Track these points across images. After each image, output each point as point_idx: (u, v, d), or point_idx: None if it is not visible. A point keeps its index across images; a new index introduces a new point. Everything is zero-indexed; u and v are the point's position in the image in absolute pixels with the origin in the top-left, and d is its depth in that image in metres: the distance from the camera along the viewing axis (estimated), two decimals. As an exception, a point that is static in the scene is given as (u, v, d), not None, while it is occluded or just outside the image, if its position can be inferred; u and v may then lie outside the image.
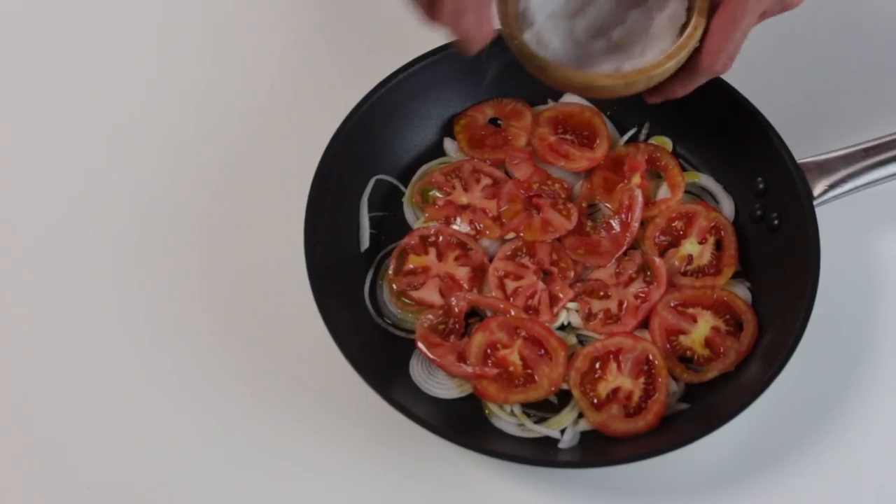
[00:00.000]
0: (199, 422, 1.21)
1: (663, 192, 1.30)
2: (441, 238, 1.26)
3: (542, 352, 1.21)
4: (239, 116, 1.36)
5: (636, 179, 1.30)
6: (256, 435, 1.20)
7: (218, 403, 1.21)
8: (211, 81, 1.38)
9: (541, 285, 1.25)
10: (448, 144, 1.33)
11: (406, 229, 1.29)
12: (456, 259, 1.26)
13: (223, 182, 1.32)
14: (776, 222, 1.26)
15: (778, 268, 1.24)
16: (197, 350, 1.24)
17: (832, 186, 1.24)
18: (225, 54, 1.41)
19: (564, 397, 1.21)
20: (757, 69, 1.37)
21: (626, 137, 1.34)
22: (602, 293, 1.25)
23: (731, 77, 1.28)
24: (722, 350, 1.21)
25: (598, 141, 1.32)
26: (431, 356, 1.21)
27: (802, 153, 1.25)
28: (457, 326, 1.23)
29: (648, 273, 1.25)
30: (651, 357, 1.20)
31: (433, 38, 1.34)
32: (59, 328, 1.25)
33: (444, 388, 1.21)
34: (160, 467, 1.19)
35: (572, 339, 1.23)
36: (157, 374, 1.23)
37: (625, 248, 1.26)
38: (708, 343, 1.22)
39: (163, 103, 1.38)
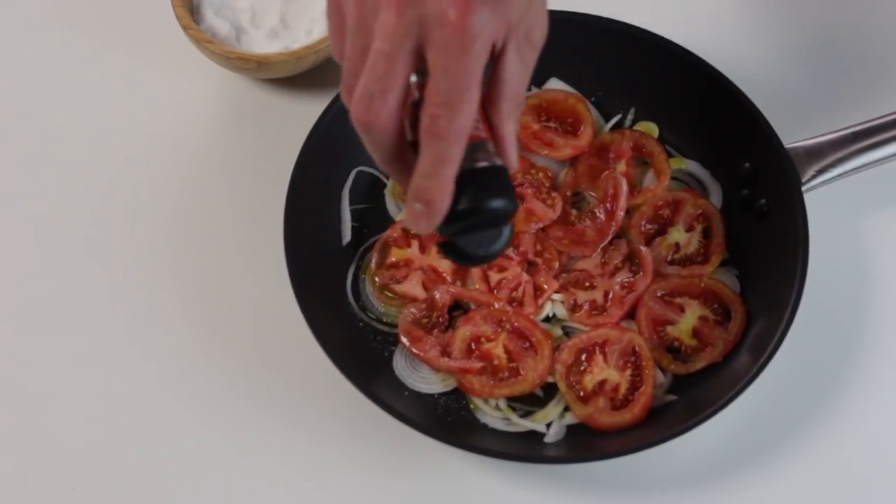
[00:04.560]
0: (181, 421, 1.19)
1: (649, 179, 1.28)
2: (423, 230, 1.25)
3: (527, 344, 1.19)
4: (217, 107, 1.34)
5: (621, 167, 1.28)
6: (238, 433, 1.18)
7: (199, 402, 1.20)
8: (188, 71, 1.36)
9: (525, 277, 1.23)
10: (430, 134, 1.31)
11: (388, 221, 1.27)
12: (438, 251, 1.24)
13: (200, 176, 1.30)
14: (765, 209, 1.24)
15: (767, 255, 1.23)
16: (177, 349, 1.22)
17: (821, 171, 1.22)
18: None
19: (550, 390, 1.19)
20: (744, 53, 1.36)
21: (611, 124, 1.32)
22: (587, 284, 1.23)
23: (718, 61, 1.26)
24: (710, 340, 1.20)
25: (582, 128, 1.30)
26: (415, 350, 1.19)
27: (791, 138, 1.23)
28: (440, 320, 1.21)
29: (635, 262, 1.23)
30: (638, 348, 1.19)
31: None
32: (40, 329, 1.23)
33: (427, 382, 1.19)
34: (144, 468, 1.17)
35: (558, 331, 1.22)
36: (139, 374, 1.21)
37: (610, 237, 1.24)
38: (696, 333, 1.21)
39: (136, 93, 1.35)
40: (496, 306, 1.21)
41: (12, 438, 1.19)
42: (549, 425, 1.17)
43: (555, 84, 1.33)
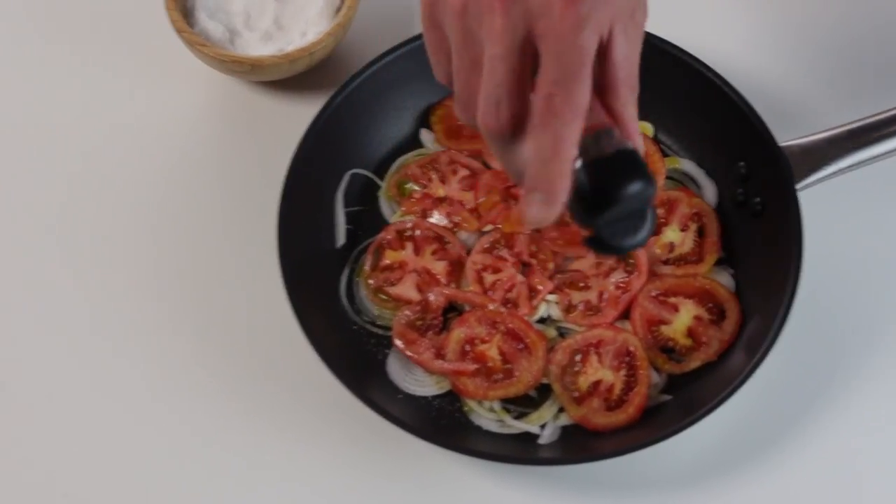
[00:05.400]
0: (173, 426, 1.19)
1: (644, 178, 1.28)
2: (418, 232, 1.25)
3: (522, 346, 1.19)
4: (210, 110, 1.34)
5: (616, 167, 1.27)
6: (231, 437, 1.18)
7: (192, 407, 1.20)
8: (181, 73, 1.36)
9: (519, 278, 1.23)
10: (425, 135, 1.31)
11: (382, 224, 1.27)
12: (433, 253, 1.24)
13: (194, 179, 1.30)
14: (759, 207, 1.24)
15: (761, 254, 1.22)
16: (170, 352, 1.22)
17: (815, 170, 1.21)
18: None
19: (544, 392, 1.19)
20: (738, 52, 1.35)
21: (605, 123, 1.31)
22: (582, 284, 1.23)
23: (712, 60, 1.26)
24: (704, 339, 1.19)
25: (576, 128, 1.29)
26: (409, 353, 1.19)
27: (785, 136, 1.22)
28: (435, 322, 1.21)
29: (629, 262, 1.23)
30: (632, 348, 1.18)
31: (406, 27, 1.34)
32: (29, 334, 1.24)
33: (422, 385, 1.19)
34: (136, 475, 1.17)
35: (552, 332, 1.21)
36: (131, 380, 1.21)
37: (605, 237, 1.24)
38: (690, 333, 1.20)
39: (130, 96, 1.35)
40: (490, 308, 1.21)
41: (2, 445, 1.19)
42: (543, 427, 1.17)
43: (549, 84, 1.32)
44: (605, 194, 0.91)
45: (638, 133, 0.94)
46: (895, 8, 1.39)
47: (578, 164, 0.91)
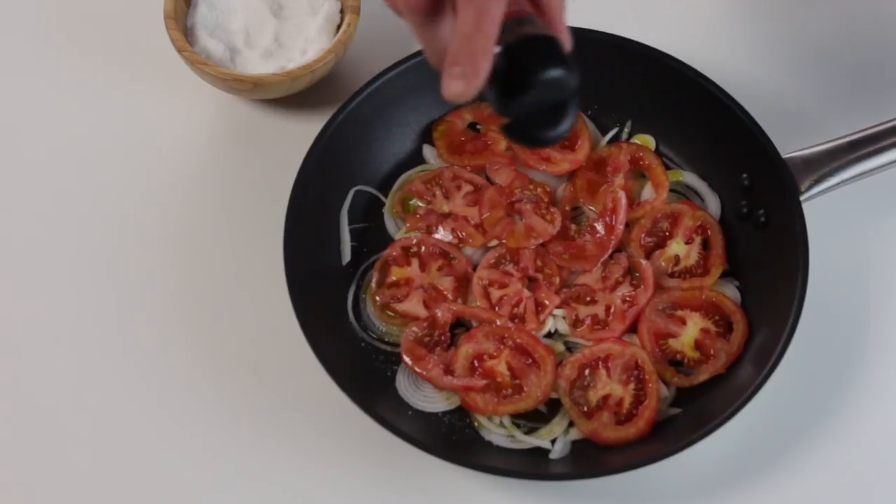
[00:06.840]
0: (182, 442, 1.19)
1: (647, 192, 1.28)
2: (423, 248, 1.24)
3: (530, 361, 1.19)
4: (213, 128, 1.34)
5: (619, 180, 1.27)
6: (240, 456, 1.18)
7: (200, 426, 1.19)
8: (183, 93, 1.35)
9: (526, 293, 1.23)
10: (427, 151, 1.31)
11: (388, 240, 1.27)
12: (439, 269, 1.24)
13: (197, 198, 1.30)
14: (763, 219, 1.24)
15: (767, 266, 1.22)
16: (176, 371, 1.21)
17: (819, 181, 1.22)
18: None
19: (554, 406, 1.19)
20: (739, 64, 1.36)
21: (607, 137, 1.32)
22: (589, 298, 1.23)
23: (714, 73, 1.26)
24: (712, 352, 1.20)
25: (579, 142, 1.30)
26: (417, 369, 1.19)
27: (787, 148, 1.23)
28: (442, 338, 1.21)
29: (635, 276, 1.23)
30: (640, 362, 1.18)
31: (407, 43, 1.33)
32: (36, 350, 1.23)
33: (431, 401, 1.19)
34: (142, 493, 1.17)
35: (560, 347, 1.21)
36: (139, 398, 1.21)
37: (610, 251, 1.24)
38: (698, 345, 1.20)
39: (133, 116, 1.35)
40: (498, 323, 1.21)
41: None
42: (553, 441, 1.17)
43: (551, 99, 1.32)
44: (521, 78, 0.91)
45: (563, 24, 0.94)
46: (896, 18, 1.41)
47: (498, 49, 0.91)
